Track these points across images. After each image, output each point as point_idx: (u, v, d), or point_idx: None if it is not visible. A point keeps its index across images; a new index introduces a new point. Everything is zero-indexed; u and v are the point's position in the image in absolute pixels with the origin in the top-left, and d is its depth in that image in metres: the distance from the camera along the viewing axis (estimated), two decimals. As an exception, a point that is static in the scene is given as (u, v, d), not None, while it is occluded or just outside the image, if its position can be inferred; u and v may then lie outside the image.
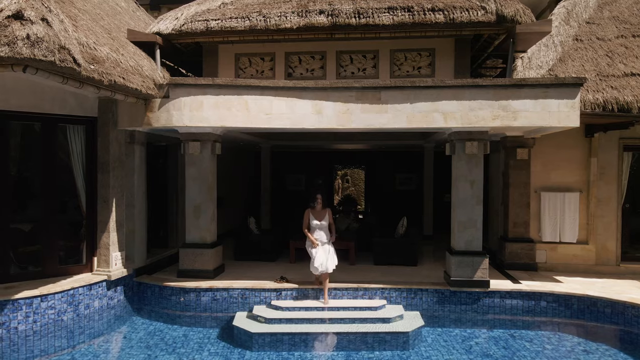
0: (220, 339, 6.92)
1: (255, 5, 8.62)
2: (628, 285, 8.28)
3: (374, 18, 7.99)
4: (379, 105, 7.33)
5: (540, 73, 8.79)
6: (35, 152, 7.45)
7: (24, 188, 7.50)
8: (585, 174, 9.29)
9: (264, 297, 7.97)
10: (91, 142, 7.77)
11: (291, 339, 6.57)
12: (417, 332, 6.93)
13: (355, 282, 8.21)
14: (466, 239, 8.04)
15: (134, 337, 7.07)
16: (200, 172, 8.40)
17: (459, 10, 7.87)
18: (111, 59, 6.27)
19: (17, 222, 7.36)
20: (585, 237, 9.29)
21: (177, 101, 7.25)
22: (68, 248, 7.79)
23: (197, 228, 8.50)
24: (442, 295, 8.03)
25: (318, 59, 9.12)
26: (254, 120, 7.38)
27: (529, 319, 7.78)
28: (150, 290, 8.30)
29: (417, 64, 8.97)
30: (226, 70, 9.27)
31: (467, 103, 7.23)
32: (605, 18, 10.16)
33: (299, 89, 7.31)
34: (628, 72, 8.56)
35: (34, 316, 6.62)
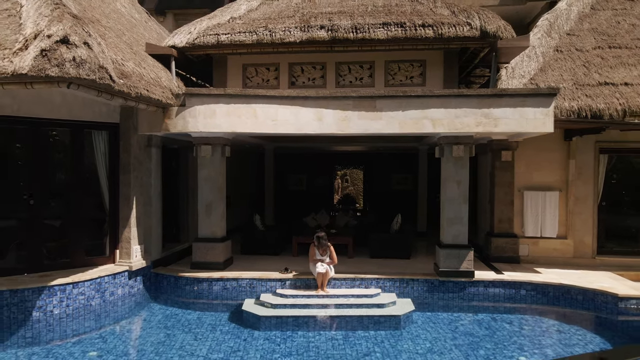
0: (231, 321, 7.75)
1: (262, 20, 9.44)
2: (601, 275, 9.10)
3: (369, 33, 8.80)
4: (374, 112, 8.15)
5: (522, 82, 9.61)
6: (64, 155, 8.26)
7: (55, 187, 8.32)
8: (564, 175, 10.11)
9: (270, 286, 8.79)
10: (114, 146, 8.59)
11: (295, 321, 7.38)
12: (408, 315, 7.75)
13: (353, 273, 9.03)
14: (453, 234, 8.86)
15: (153, 320, 7.91)
16: (211, 174, 9.22)
17: (446, 26, 8.69)
18: (136, 73, 7.09)
19: (48, 218, 8.19)
20: (564, 232, 10.11)
21: (192, 109, 8.07)
22: (93, 241, 8.61)
23: (209, 224, 9.32)
24: (431, 284, 8.85)
25: (319, 69, 9.94)
26: (262, 126, 8.20)
27: (509, 305, 8.60)
28: (166, 280, 9.13)
29: (410, 73, 9.80)
30: (234, 79, 10.09)
31: (453, 111, 8.05)
32: (584, 30, 10.97)
33: (302, 98, 8.13)
34: (602, 81, 9.38)
35: (67, 301, 7.45)
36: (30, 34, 5.48)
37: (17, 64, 5.21)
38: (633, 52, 10.06)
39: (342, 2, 9.76)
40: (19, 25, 6.00)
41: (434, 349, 6.77)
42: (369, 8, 9.47)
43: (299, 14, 9.45)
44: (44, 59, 5.22)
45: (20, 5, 6.50)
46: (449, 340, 7.09)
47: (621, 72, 9.54)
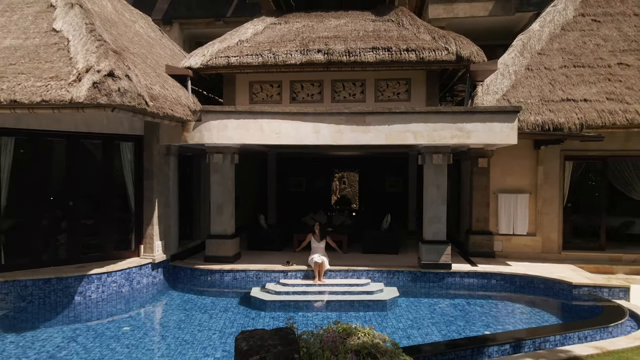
0: (240, 305, 9.07)
1: (266, 44, 10.76)
2: (563, 268, 10.40)
3: (360, 56, 10.12)
4: (364, 126, 9.46)
5: (496, 98, 10.93)
6: (96, 163, 9.58)
7: (89, 191, 9.63)
8: (533, 179, 11.42)
9: (274, 277, 10.09)
10: (138, 155, 9.90)
11: (295, 305, 8.70)
12: (394, 300, 9.07)
13: (347, 265, 10.34)
14: (434, 231, 10.18)
15: (173, 304, 9.25)
16: (222, 178, 10.54)
17: (427, 51, 10.01)
18: (162, 95, 8.40)
19: (84, 218, 9.51)
20: (534, 230, 11.42)
21: (207, 124, 9.39)
22: (120, 238, 9.93)
23: (220, 223, 10.64)
24: (414, 275, 10.17)
25: (317, 85, 11.25)
26: (267, 138, 9.52)
27: (482, 292, 9.91)
28: (183, 272, 10.44)
29: (397, 90, 11.11)
30: (242, 95, 11.41)
31: (432, 125, 9.36)
32: (554, 49, 12.29)
33: (301, 114, 9.44)
34: (564, 97, 10.71)
35: (102, 287, 8.77)
36: (83, 68, 6.79)
37: (74, 93, 6.51)
38: (594, 71, 11.38)
39: (337, 28, 11.08)
40: (69, 59, 7.31)
41: (414, 325, 8.10)
42: (361, 33, 10.80)
43: (299, 38, 10.76)
44: (96, 89, 6.52)
45: (67, 40, 7.82)
46: (427, 319, 8.43)
47: (582, 89, 10.86)
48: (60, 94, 6.59)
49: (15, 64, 7.25)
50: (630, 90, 10.66)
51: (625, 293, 8.91)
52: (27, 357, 6.78)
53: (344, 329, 3.77)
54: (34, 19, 8.54)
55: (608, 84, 10.90)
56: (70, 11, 8.46)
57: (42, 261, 8.82)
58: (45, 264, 8.81)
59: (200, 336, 7.69)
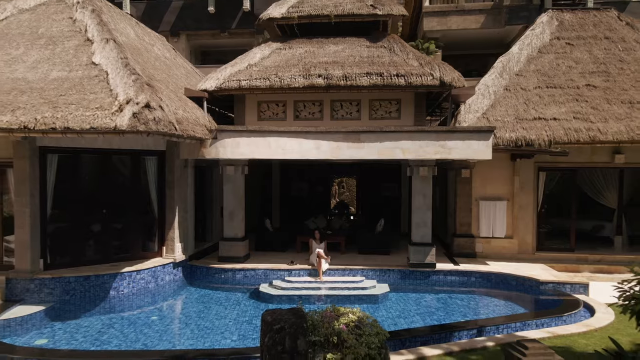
0: (250, 298, 10.47)
1: (273, 68, 12.14)
2: (535, 267, 11.78)
3: (356, 81, 11.50)
4: (359, 143, 10.85)
5: (476, 116, 12.32)
6: (125, 175, 10.97)
7: (119, 199, 11.02)
8: (511, 188, 12.79)
9: (280, 274, 11.47)
10: (161, 168, 11.28)
11: (299, 298, 10.06)
12: (385, 295, 10.46)
13: (344, 265, 11.72)
14: (420, 235, 11.56)
15: (192, 298, 10.66)
16: (234, 188, 11.93)
17: (415, 76, 11.39)
18: (185, 118, 9.78)
19: (114, 223, 10.90)
20: (511, 233, 12.80)
21: (222, 141, 10.79)
22: (145, 240, 11.31)
23: (232, 227, 12.03)
24: (403, 273, 11.55)
25: (317, 105, 12.63)
26: (274, 153, 10.91)
27: (462, 288, 11.29)
28: (200, 270, 11.82)
29: (388, 109, 12.48)
30: (251, 113, 12.78)
31: (418, 142, 10.75)
32: (530, 71, 13.67)
33: (304, 132, 10.83)
34: (537, 116, 12.09)
35: (133, 283, 10.16)
36: (123, 100, 8.16)
37: (117, 122, 7.89)
38: (565, 92, 12.77)
39: (336, 53, 12.47)
40: (110, 91, 8.69)
41: (401, 315, 9.51)
42: (357, 59, 12.18)
43: (302, 63, 12.15)
44: (135, 119, 7.90)
45: (106, 72, 9.21)
46: (413, 310, 9.84)
47: (552, 109, 12.25)
48: (106, 122, 7.97)
49: (65, 95, 8.63)
50: (595, 110, 12.04)
51: (584, 288, 10.31)
52: (75, 340, 8.18)
53: (337, 310, 5.14)
54: (75, 52, 9.92)
55: (576, 104, 12.28)
56: (106, 46, 9.85)
57: (81, 260, 10.21)
58: (83, 263, 10.20)
59: (218, 324, 9.10)
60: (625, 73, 13.17)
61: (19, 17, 11.29)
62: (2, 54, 10.05)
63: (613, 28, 14.73)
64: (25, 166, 9.25)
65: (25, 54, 10.03)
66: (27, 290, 9.28)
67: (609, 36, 14.46)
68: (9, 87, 9.01)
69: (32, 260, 9.40)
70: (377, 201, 19.77)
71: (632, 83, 12.78)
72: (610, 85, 12.79)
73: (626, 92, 12.49)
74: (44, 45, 10.27)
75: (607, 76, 13.12)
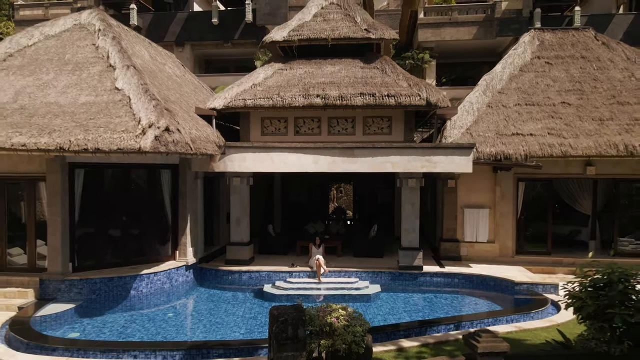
0: (255, 297, 11.68)
1: (275, 88, 13.34)
2: (513, 269, 12.96)
3: (350, 100, 12.69)
4: (353, 158, 12.06)
5: (461, 131, 13.51)
6: (142, 186, 12.18)
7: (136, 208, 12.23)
8: (492, 197, 13.99)
9: (282, 276, 12.66)
10: (174, 180, 12.47)
11: (298, 297, 11.25)
12: (376, 294, 11.66)
13: (340, 267, 12.92)
14: (409, 240, 12.77)
15: (203, 297, 11.88)
16: (240, 197, 13.13)
17: (404, 97, 12.58)
18: (197, 136, 10.98)
19: (132, 229, 12.11)
20: (492, 238, 14.00)
21: (230, 156, 12.00)
22: (160, 245, 12.51)
23: (238, 233, 13.23)
24: (394, 275, 12.74)
25: (316, 121, 13.82)
26: (277, 167, 12.12)
27: (447, 289, 12.49)
28: (209, 272, 13.03)
29: (380, 125, 13.67)
30: (255, 128, 13.97)
31: (406, 157, 11.96)
32: (512, 89, 14.87)
33: (304, 148, 12.04)
34: (515, 132, 13.28)
35: (150, 284, 11.37)
36: (146, 124, 9.36)
37: (141, 144, 9.09)
38: (541, 109, 13.97)
39: (333, 74, 13.67)
40: (133, 115, 9.89)
41: (390, 312, 10.73)
42: (352, 79, 13.38)
43: (302, 83, 13.34)
44: (157, 141, 9.10)
45: (128, 97, 10.41)
46: (401, 308, 11.05)
47: (530, 125, 13.45)
48: (131, 144, 9.18)
49: (94, 119, 9.83)
50: (568, 127, 13.25)
51: (555, 288, 11.50)
52: (103, 333, 9.39)
53: (330, 306, 6.33)
54: (99, 78, 11.12)
55: (551, 121, 13.49)
56: (127, 72, 11.05)
57: (104, 263, 11.42)
58: (106, 266, 11.40)
59: (227, 319, 10.32)
60: (598, 91, 14.37)
61: (46, 43, 12.49)
62: (34, 79, 11.26)
63: (589, 48, 15.93)
64: (57, 180, 10.45)
65: (55, 79, 11.24)
66: (58, 290, 10.49)
67: (585, 55, 15.66)
68: (44, 110, 10.23)
69: (63, 264, 10.61)
70: (372, 206, 20.98)
71: (603, 101, 13.99)
72: (584, 103, 14.00)
73: (597, 110, 13.69)
74: (71, 70, 11.47)
75: (581, 94, 14.33)
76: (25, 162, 10.50)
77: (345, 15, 14.67)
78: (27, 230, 10.99)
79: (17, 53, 12.22)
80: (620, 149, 12.41)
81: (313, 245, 12.86)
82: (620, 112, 13.53)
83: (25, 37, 12.68)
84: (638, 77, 14.76)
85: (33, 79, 11.31)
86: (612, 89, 14.41)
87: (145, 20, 28.93)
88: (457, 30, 27.59)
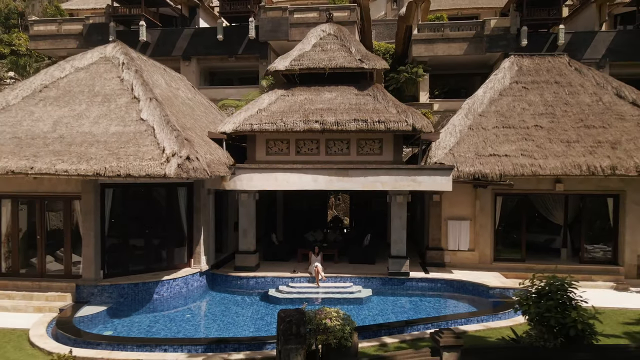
0: (261, 301, 13.35)
1: (278, 114, 14.98)
2: (490, 275, 14.59)
3: (345, 126, 14.33)
4: (348, 177, 13.71)
5: (444, 152, 15.14)
6: (162, 202, 13.84)
7: (156, 221, 13.88)
8: (473, 210, 15.63)
9: (284, 281, 14.28)
10: (190, 196, 14.12)
11: (299, 300, 12.92)
12: (368, 297, 13.32)
13: (336, 273, 14.56)
14: (397, 249, 14.42)
15: (214, 300, 13.56)
16: (247, 211, 14.78)
17: (392, 123, 14.22)
18: (211, 160, 12.62)
19: (154, 239, 13.77)
20: (473, 247, 15.64)
21: (239, 176, 13.66)
22: (177, 254, 14.17)
23: (245, 242, 14.89)
24: (384, 280, 14.39)
25: (315, 143, 15.46)
26: (280, 185, 13.79)
27: (431, 292, 14.12)
28: (220, 278, 14.67)
29: (372, 147, 15.32)
30: (260, 148, 15.61)
31: (394, 177, 13.61)
32: (491, 112, 16.51)
33: (304, 169, 13.70)
34: (492, 153, 14.91)
35: (170, 289, 13.02)
36: (170, 153, 11.01)
37: (166, 170, 10.73)
38: (517, 131, 15.60)
39: (330, 101, 15.31)
40: (157, 144, 11.53)
41: (380, 313, 12.40)
42: (347, 106, 15.02)
43: (302, 110, 14.98)
44: (179, 168, 10.75)
45: (152, 128, 12.05)
46: (390, 309, 12.72)
47: (505, 146, 15.08)
48: (157, 170, 10.82)
49: (124, 147, 11.47)
50: (539, 148, 14.88)
51: (524, 293, 13.13)
52: (132, 332, 11.05)
53: (325, 309, 7.97)
54: (126, 109, 12.77)
55: (524, 143, 15.13)
56: (150, 104, 12.70)
57: (129, 270, 13.07)
58: (131, 273, 13.05)
59: (238, 320, 11.98)
60: (568, 115, 16.03)
61: (77, 75, 14.14)
62: (69, 110, 12.91)
63: (563, 73, 17.59)
64: (91, 199, 12.11)
65: (88, 110, 12.89)
66: (92, 294, 12.14)
67: (559, 81, 17.32)
68: (80, 139, 11.88)
69: (95, 271, 12.27)
70: (367, 215, 22.60)
71: (572, 124, 15.64)
72: (554, 126, 15.65)
73: (566, 133, 15.34)
74: (101, 102, 13.12)
75: (553, 117, 15.98)
76: (64, 183, 12.12)
77: (341, 46, 16.32)
78: (65, 242, 12.62)
79: (51, 85, 13.87)
80: (584, 169, 14.05)
81: (312, 254, 14.52)
82: (586, 135, 15.19)
83: (58, 70, 14.33)
84: (605, 101, 16.43)
85: (68, 109, 12.97)
86: (581, 112, 16.08)
87: (153, 35, 30.54)
88: (449, 46, 29.24)
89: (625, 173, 13.83)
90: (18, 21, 53.23)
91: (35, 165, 11.04)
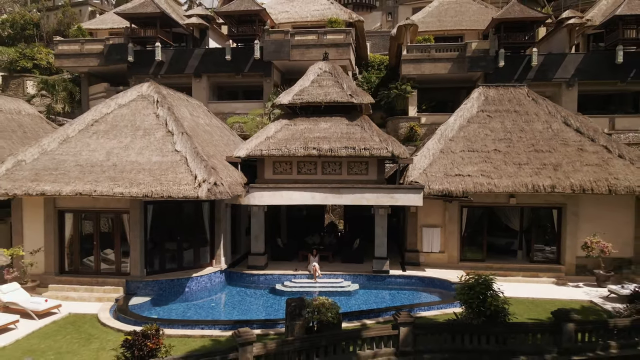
0: (269, 293, 16.78)
1: (283, 141, 18.31)
2: (455, 273, 17.75)
3: (337, 152, 17.66)
4: (339, 194, 17.10)
5: (419, 172, 18.48)
6: (190, 214, 17.23)
7: (184, 229, 17.25)
8: (443, 219, 18.99)
9: (288, 278, 17.67)
10: (212, 209, 17.49)
11: (300, 293, 16.28)
12: (356, 291, 16.74)
13: (330, 271, 17.95)
14: (380, 252, 17.81)
15: (232, 293, 16.99)
16: (258, 220, 18.17)
17: (375, 150, 17.56)
18: (230, 182, 15.97)
19: (183, 243, 17.16)
20: (443, 249, 19.01)
21: (252, 194, 17.05)
22: (202, 255, 17.56)
23: (256, 246, 18.29)
24: (369, 277, 17.78)
25: (313, 164, 18.77)
26: (285, 201, 17.17)
27: (407, 287, 17.51)
28: (236, 275, 18.08)
29: (360, 168, 18.62)
30: (268, 169, 18.92)
31: (376, 194, 16.99)
32: (460, 137, 19.83)
33: (304, 188, 17.07)
34: (457, 173, 18.25)
35: (198, 284, 16.43)
36: (200, 179, 14.35)
37: (199, 193, 14.08)
38: (479, 154, 18.94)
39: (325, 130, 18.64)
40: (190, 172, 14.88)
41: (364, 303, 15.80)
42: (339, 135, 18.35)
43: (302, 138, 18.31)
44: (209, 192, 14.10)
45: (185, 158, 15.40)
46: (372, 300, 16.13)
47: (468, 167, 18.43)
48: (191, 193, 14.17)
49: (165, 175, 14.81)
50: (496, 169, 18.23)
51: (479, 287, 16.51)
52: (172, 316, 14.43)
53: (319, 299, 11.34)
54: (163, 142, 16.11)
55: (484, 164, 18.47)
56: (182, 137, 16.05)
57: (165, 269, 16.48)
58: (167, 271, 16.46)
59: (252, 307, 15.41)
60: (522, 140, 19.37)
61: (121, 112, 17.47)
62: (117, 142, 16.26)
63: (522, 103, 20.91)
64: (137, 214, 15.49)
65: (132, 142, 16.23)
66: (138, 288, 15.53)
67: (518, 110, 20.64)
68: (129, 167, 15.23)
69: (140, 270, 15.66)
70: (358, 220, 25.91)
71: (525, 148, 18.99)
72: (510, 150, 19.00)
73: (519, 156, 18.69)
74: (142, 135, 16.46)
75: (510, 143, 19.32)
76: (115, 201, 15.49)
77: (335, 82, 19.63)
78: (115, 247, 16.02)
79: (100, 119, 17.20)
80: (529, 187, 17.42)
81: (311, 255, 17.92)
82: (535, 158, 18.54)
83: (105, 107, 17.66)
84: (554, 128, 19.77)
85: (117, 141, 16.31)
86: (533, 138, 19.42)
87: (167, 55, 33.81)
88: (434, 65, 32.54)
89: (562, 191, 17.22)
90: (34, 31, 56.40)
91: (97, 188, 14.41)
